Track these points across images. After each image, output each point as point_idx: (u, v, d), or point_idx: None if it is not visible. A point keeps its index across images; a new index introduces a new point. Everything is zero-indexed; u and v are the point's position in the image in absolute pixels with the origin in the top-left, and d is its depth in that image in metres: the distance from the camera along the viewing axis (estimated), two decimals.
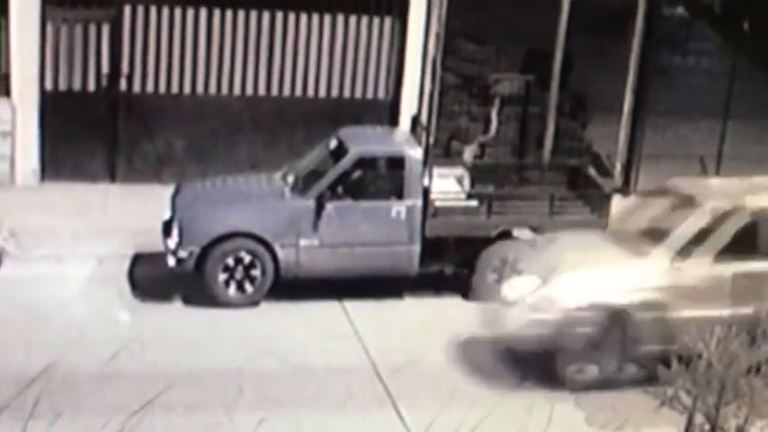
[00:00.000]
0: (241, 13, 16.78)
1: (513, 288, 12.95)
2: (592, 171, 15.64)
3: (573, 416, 12.06)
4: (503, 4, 18.75)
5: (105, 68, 16.52)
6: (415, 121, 15.42)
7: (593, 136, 17.64)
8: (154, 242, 14.19)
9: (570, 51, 16.45)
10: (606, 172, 15.65)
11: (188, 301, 13.86)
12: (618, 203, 15.15)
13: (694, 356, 9.72)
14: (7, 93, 16.19)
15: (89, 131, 16.55)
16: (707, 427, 9.65)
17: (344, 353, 12.98)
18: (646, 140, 17.96)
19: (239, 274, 13.76)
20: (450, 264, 14.46)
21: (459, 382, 12.47)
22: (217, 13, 16.72)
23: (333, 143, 14.52)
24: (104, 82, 16.51)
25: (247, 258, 13.74)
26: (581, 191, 15.15)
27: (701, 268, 12.54)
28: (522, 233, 14.46)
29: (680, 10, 18.11)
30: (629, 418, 11.61)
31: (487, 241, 14.37)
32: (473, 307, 14.00)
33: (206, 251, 13.67)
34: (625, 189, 17.75)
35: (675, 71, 18.78)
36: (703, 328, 9.90)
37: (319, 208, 13.84)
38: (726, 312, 11.85)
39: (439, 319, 13.92)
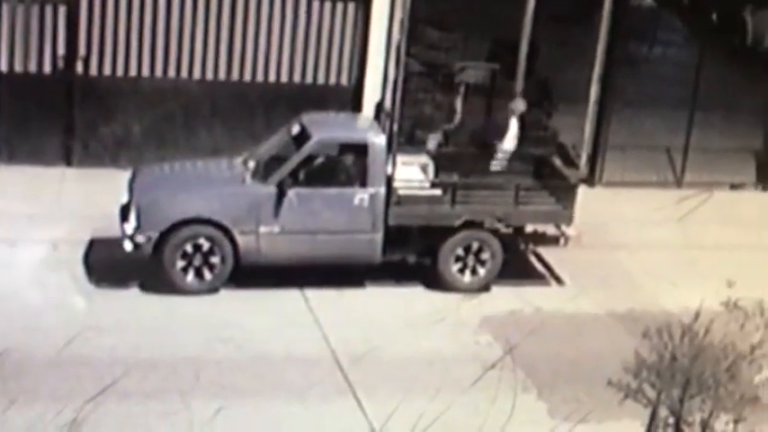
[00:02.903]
0: None
1: None
2: (557, 161, 15.58)
3: (536, 407, 11.97)
4: None
5: (61, 50, 16.31)
6: (379, 107, 15.30)
7: (559, 126, 17.58)
8: (110, 227, 13.96)
9: (536, 40, 16.40)
10: (572, 162, 15.59)
11: (145, 287, 13.65)
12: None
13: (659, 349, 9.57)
14: None
15: (44, 114, 16.35)
16: (671, 420, 9.57)
17: (304, 341, 12.84)
18: (612, 131, 18.06)
19: (198, 260, 13.57)
20: (413, 253, 14.35)
21: (420, 372, 12.35)
22: None
23: (295, 129, 14.38)
24: (60, 64, 16.31)
25: (206, 245, 13.56)
26: (546, 181, 15.09)
27: None
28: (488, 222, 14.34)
29: (648, 0, 18.09)
30: (592, 410, 11.59)
31: (451, 230, 14.27)
32: (435, 296, 13.99)
33: (164, 237, 13.46)
34: (591, 180, 17.73)
35: (642, 61, 18.82)
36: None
37: (280, 194, 13.68)
38: None
39: (401, 308, 13.84)
